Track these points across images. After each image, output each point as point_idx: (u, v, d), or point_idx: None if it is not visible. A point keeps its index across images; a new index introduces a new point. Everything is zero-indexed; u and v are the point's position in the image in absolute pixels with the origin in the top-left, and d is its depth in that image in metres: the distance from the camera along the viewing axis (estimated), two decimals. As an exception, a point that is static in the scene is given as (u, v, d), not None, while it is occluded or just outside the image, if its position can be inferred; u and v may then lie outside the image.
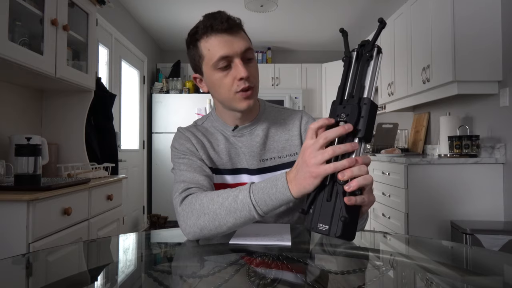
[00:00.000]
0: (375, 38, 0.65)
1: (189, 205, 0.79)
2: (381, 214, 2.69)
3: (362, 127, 0.62)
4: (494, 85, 2.24)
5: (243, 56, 0.87)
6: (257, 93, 0.93)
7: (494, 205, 2.20)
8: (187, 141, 0.96)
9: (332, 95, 4.80)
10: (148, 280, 0.59)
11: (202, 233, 0.77)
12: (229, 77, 0.87)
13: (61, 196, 1.52)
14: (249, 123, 0.98)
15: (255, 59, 0.93)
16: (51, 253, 0.83)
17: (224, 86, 0.88)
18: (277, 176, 0.71)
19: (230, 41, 0.85)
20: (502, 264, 0.71)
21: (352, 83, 0.66)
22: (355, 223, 0.63)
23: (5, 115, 1.90)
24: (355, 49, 0.68)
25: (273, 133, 0.99)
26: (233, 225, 0.75)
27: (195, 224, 0.77)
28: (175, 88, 4.57)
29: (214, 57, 0.86)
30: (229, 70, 0.87)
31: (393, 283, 0.60)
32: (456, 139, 2.41)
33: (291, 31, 4.48)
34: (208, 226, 0.76)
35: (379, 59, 0.65)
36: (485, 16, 2.21)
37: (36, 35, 1.74)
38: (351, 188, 0.60)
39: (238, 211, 0.73)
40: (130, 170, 3.78)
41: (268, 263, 0.62)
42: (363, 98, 0.63)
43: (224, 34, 0.85)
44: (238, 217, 0.73)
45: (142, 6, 3.72)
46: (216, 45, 0.85)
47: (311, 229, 0.64)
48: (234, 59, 0.86)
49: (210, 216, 0.75)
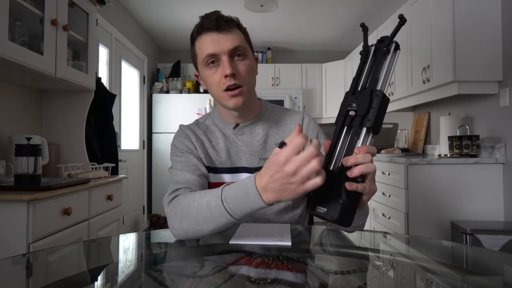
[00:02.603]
0: (394, 34, 0.65)
1: (173, 208, 0.80)
2: (381, 214, 2.69)
3: (372, 117, 0.62)
4: (494, 85, 2.24)
5: (231, 54, 0.88)
6: (250, 92, 0.93)
7: (494, 205, 2.20)
8: (186, 139, 0.98)
9: (332, 95, 4.81)
10: (148, 280, 0.59)
11: (187, 235, 0.78)
12: (217, 74, 0.89)
13: (61, 196, 1.52)
14: (250, 121, 0.99)
15: (250, 58, 0.93)
16: (51, 253, 0.83)
17: (213, 84, 0.90)
18: (246, 183, 0.68)
19: (218, 39, 0.87)
20: (502, 264, 0.71)
21: (367, 75, 0.66)
22: (353, 210, 0.64)
23: (5, 115, 1.90)
24: (374, 44, 0.68)
25: (274, 133, 1.00)
26: (214, 229, 0.74)
27: (179, 227, 0.78)
28: (175, 88, 4.57)
29: (203, 54, 0.89)
30: (217, 67, 0.89)
31: (393, 283, 0.60)
32: (456, 139, 2.41)
33: (291, 31, 4.48)
34: (191, 230, 0.76)
35: (396, 55, 0.66)
36: (485, 16, 2.21)
37: (36, 35, 1.74)
38: (353, 174, 0.61)
39: (215, 217, 0.72)
40: (130, 170, 3.78)
41: (268, 263, 0.62)
42: (375, 90, 0.64)
43: (213, 32, 0.88)
44: (218, 223, 0.73)
45: (142, 6, 3.72)
46: (205, 43, 0.88)
47: (310, 212, 0.65)
48: (221, 57, 0.87)
49: (191, 220, 0.76)
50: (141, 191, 4.27)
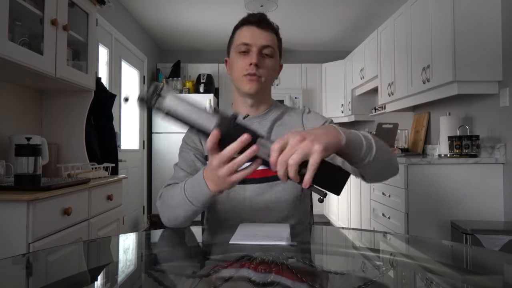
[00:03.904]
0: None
1: (160, 200, 0.95)
2: (381, 214, 2.69)
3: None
4: (494, 85, 2.24)
5: (261, 49, 0.98)
6: (266, 85, 1.02)
7: (494, 205, 2.20)
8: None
9: (332, 95, 4.81)
10: (148, 280, 0.59)
11: (170, 222, 0.90)
12: (244, 61, 0.99)
13: (61, 196, 1.52)
14: (259, 114, 1.07)
15: (275, 60, 1.03)
16: (51, 253, 0.83)
17: (237, 67, 1.00)
18: (199, 174, 0.80)
19: (255, 32, 0.99)
20: (502, 264, 0.71)
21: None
22: (331, 181, 0.67)
23: (5, 115, 1.90)
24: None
25: (278, 124, 1.07)
26: (185, 216, 0.86)
27: (163, 215, 0.92)
28: (175, 88, 4.57)
29: (238, 41, 1.00)
30: (246, 56, 0.99)
31: (393, 283, 0.60)
32: (456, 139, 2.41)
33: (291, 31, 4.48)
34: (171, 217, 0.89)
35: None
36: (485, 16, 2.21)
37: (36, 35, 1.74)
38: (304, 185, 0.64)
39: (182, 205, 0.84)
40: (130, 170, 3.78)
41: (268, 263, 0.62)
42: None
43: (253, 26, 1.00)
44: (185, 210, 0.85)
45: (142, 6, 3.72)
46: (243, 33, 1.01)
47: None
48: (252, 48, 0.98)
49: (169, 209, 0.89)
50: (141, 191, 4.27)
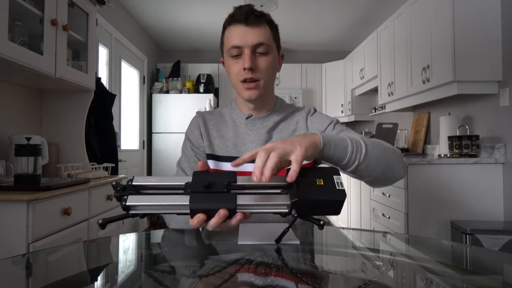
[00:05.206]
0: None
1: None
2: (381, 214, 2.69)
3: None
4: (494, 85, 2.24)
5: (254, 48, 0.92)
6: (266, 87, 0.97)
7: (494, 205, 2.20)
8: (196, 128, 1.04)
9: (332, 95, 4.81)
10: (148, 280, 0.59)
11: (170, 225, 0.92)
12: (238, 65, 0.94)
13: (61, 196, 1.52)
14: (263, 115, 1.02)
15: (273, 54, 0.96)
16: (51, 253, 0.83)
17: (233, 73, 0.95)
18: None
19: (245, 32, 0.91)
20: (502, 264, 0.71)
21: None
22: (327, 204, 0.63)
23: (5, 115, 1.90)
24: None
25: (282, 125, 1.03)
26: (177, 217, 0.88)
27: (167, 222, 0.94)
28: (175, 88, 4.57)
29: (228, 45, 0.94)
30: (239, 59, 0.93)
31: (393, 283, 0.60)
32: (456, 139, 2.41)
33: (291, 31, 4.48)
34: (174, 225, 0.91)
35: None
36: (485, 16, 2.21)
37: (36, 35, 1.74)
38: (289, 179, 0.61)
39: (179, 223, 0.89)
40: (130, 170, 3.78)
41: (268, 263, 0.62)
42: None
43: (242, 25, 0.92)
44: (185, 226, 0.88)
45: (142, 6, 3.72)
46: (232, 34, 0.93)
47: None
48: (244, 50, 0.92)
49: (172, 219, 0.91)
50: (141, 191, 4.26)
